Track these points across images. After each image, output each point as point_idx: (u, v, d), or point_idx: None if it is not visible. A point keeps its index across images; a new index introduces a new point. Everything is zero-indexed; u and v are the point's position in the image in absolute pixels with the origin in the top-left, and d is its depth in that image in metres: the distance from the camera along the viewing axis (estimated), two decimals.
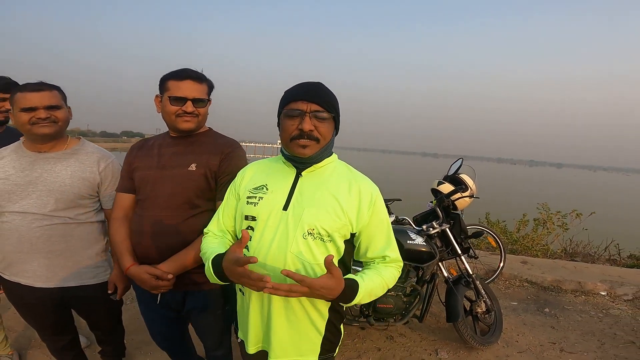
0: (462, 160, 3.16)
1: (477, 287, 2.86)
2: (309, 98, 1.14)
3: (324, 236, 1.16)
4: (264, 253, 1.16)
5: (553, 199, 6.66)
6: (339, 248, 1.20)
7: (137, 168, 1.63)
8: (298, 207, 1.17)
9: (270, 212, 1.19)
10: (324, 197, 1.18)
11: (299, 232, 1.15)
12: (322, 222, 1.15)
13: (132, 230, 1.61)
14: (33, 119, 1.54)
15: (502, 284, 4.17)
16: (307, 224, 1.15)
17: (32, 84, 1.57)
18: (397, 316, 2.65)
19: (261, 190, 1.23)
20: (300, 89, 1.17)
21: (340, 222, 1.17)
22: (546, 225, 5.67)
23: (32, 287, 1.65)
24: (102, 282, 1.77)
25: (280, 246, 1.15)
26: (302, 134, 1.14)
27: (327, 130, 1.17)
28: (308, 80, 1.20)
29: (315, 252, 1.16)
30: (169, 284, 1.51)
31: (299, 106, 1.14)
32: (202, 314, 1.67)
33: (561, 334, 3.18)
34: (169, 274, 1.49)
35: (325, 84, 1.20)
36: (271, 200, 1.20)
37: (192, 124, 1.57)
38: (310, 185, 1.21)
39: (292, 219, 1.16)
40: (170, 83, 1.53)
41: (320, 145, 1.17)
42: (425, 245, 2.60)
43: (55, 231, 1.61)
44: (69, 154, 1.68)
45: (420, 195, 4.98)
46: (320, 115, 1.14)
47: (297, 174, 1.23)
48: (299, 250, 1.15)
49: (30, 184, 1.59)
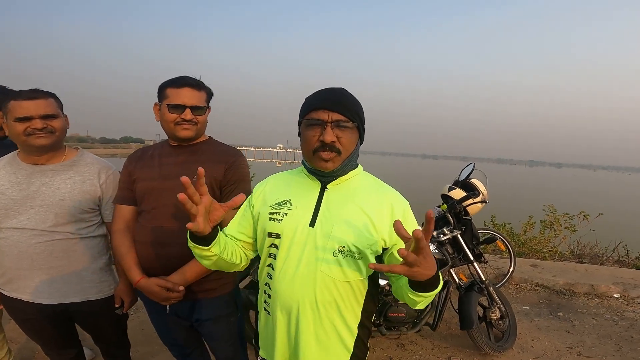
0: (473, 165, 3.09)
1: (491, 293, 2.80)
2: (331, 106, 1.06)
3: (355, 253, 1.09)
4: (291, 272, 1.10)
5: (556, 199, 6.58)
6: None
7: (138, 179, 1.59)
8: (326, 223, 1.10)
9: (296, 228, 1.11)
10: (354, 212, 1.11)
11: (328, 250, 1.08)
12: (353, 239, 1.08)
13: (137, 242, 1.57)
14: (29, 130, 1.46)
15: (512, 288, 4.11)
16: (338, 241, 1.08)
17: (27, 92, 1.49)
18: (409, 325, 2.59)
19: (284, 205, 1.15)
20: (321, 96, 1.09)
21: (373, 238, 1.09)
22: (553, 227, 5.60)
23: (33, 304, 1.59)
24: (108, 296, 1.72)
25: (309, 264, 1.09)
26: (323, 145, 1.06)
27: (350, 141, 1.10)
28: (329, 87, 1.13)
29: (346, 270, 1.09)
30: (180, 295, 1.48)
31: (319, 115, 1.06)
32: (213, 322, 1.63)
33: (577, 338, 3.13)
34: (180, 286, 1.47)
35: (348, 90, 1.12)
36: (296, 216, 1.13)
37: (191, 132, 1.54)
38: (338, 200, 1.13)
39: (320, 236, 1.09)
40: (169, 90, 1.50)
41: (342, 157, 1.10)
42: (437, 253, 2.55)
43: (56, 247, 1.55)
44: (68, 166, 1.61)
45: (426, 199, 4.91)
46: (343, 125, 1.06)
47: (322, 187, 1.15)
48: (330, 268, 1.08)
49: (27, 199, 1.52)
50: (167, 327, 1.74)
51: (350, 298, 1.12)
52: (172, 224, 1.51)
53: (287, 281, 1.10)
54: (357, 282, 1.12)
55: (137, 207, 1.60)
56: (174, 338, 1.78)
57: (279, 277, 1.12)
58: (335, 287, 1.09)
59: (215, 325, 1.64)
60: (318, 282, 1.08)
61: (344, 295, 1.11)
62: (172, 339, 1.79)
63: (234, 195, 1.51)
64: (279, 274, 1.13)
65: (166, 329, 1.75)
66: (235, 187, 1.54)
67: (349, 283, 1.10)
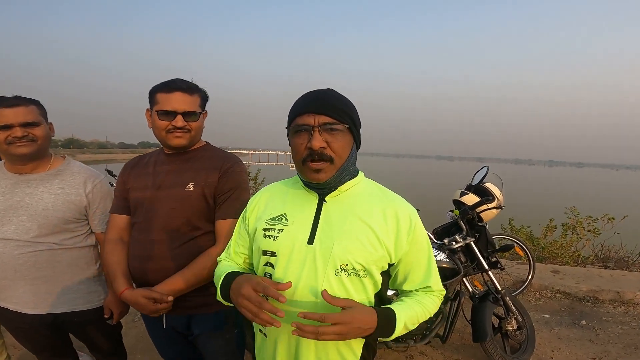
0: (487, 168, 2.91)
1: (507, 303, 2.63)
2: (316, 109, 0.96)
3: (359, 271, 1.00)
4: (289, 293, 1.01)
5: (578, 201, 6.31)
6: (377, 282, 1.05)
7: (132, 188, 1.52)
8: (326, 240, 1.01)
9: (293, 247, 1.02)
10: (356, 226, 1.01)
11: (330, 269, 0.99)
12: (357, 256, 0.99)
13: (130, 255, 1.50)
14: (9, 138, 1.42)
15: (531, 296, 3.91)
16: (340, 260, 0.99)
17: (7, 99, 1.45)
18: (418, 337, 2.44)
19: (279, 221, 1.06)
20: (305, 100, 1.00)
21: (378, 254, 1.00)
22: (576, 230, 5.35)
23: (21, 313, 1.55)
24: (97, 306, 1.67)
25: (309, 285, 1.00)
26: (312, 153, 0.97)
27: (342, 146, 0.99)
28: (316, 89, 1.03)
29: (350, 290, 1.00)
30: (168, 306, 1.39)
31: (305, 120, 0.97)
32: (211, 338, 1.55)
33: (601, 347, 2.95)
34: (168, 296, 1.37)
35: (336, 90, 1.02)
36: (292, 233, 1.04)
37: (183, 139, 1.45)
38: (338, 213, 1.04)
39: (320, 255, 1.00)
40: (159, 96, 1.41)
41: (336, 165, 1.00)
42: (448, 262, 2.39)
43: (40, 257, 1.51)
44: (52, 175, 1.56)
45: (439, 203, 4.75)
46: (331, 128, 0.97)
47: (320, 199, 1.05)
48: (332, 289, 0.99)
49: (10, 209, 1.48)
50: (164, 341, 1.67)
51: None
52: (163, 236, 1.44)
53: (286, 303, 1.00)
54: (363, 302, 1.02)
55: (131, 218, 1.54)
56: (170, 352, 1.71)
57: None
58: (339, 308, 0.99)
59: (212, 340, 1.56)
60: (320, 304, 0.98)
61: None
62: (169, 353, 1.72)
63: (227, 205, 1.42)
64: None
65: (163, 342, 1.68)
66: (229, 196, 1.45)
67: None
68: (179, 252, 1.44)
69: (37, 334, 1.65)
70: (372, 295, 1.05)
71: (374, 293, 1.05)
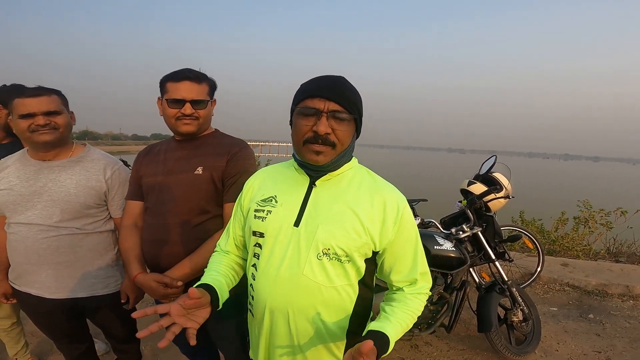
0: (495, 157, 2.90)
1: (513, 294, 2.64)
2: (328, 95, 0.98)
3: (341, 256, 1.02)
4: (273, 274, 1.04)
5: (592, 195, 6.20)
6: (359, 268, 1.06)
7: (144, 175, 1.58)
8: (311, 223, 1.03)
9: (280, 228, 1.05)
10: (342, 211, 1.03)
11: (312, 253, 1.01)
12: (339, 241, 1.01)
13: (143, 239, 1.57)
14: (32, 126, 1.47)
15: (539, 288, 3.91)
16: (322, 243, 1.01)
17: (30, 89, 1.51)
18: (423, 326, 2.47)
19: (270, 202, 1.09)
20: (318, 83, 1.01)
21: (361, 240, 1.02)
22: (588, 223, 5.28)
23: (42, 298, 1.61)
24: (114, 292, 1.72)
25: (291, 267, 1.03)
26: (316, 137, 0.98)
27: (346, 135, 1.02)
28: (328, 74, 1.04)
29: (331, 274, 1.02)
30: (179, 291, 1.45)
31: (315, 104, 0.98)
32: (220, 322, 1.60)
33: (607, 341, 2.94)
34: (178, 281, 1.43)
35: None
36: (281, 215, 1.06)
37: (192, 126, 1.50)
38: (326, 197, 1.06)
39: (304, 237, 1.02)
40: (168, 85, 1.47)
41: (336, 151, 1.02)
42: (455, 251, 2.40)
43: (63, 242, 1.56)
44: (74, 162, 1.62)
45: (448, 194, 4.74)
46: (339, 116, 0.98)
47: (311, 183, 1.08)
48: (313, 272, 1.02)
49: (34, 195, 1.54)
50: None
51: (337, 304, 1.05)
52: (174, 220, 1.49)
53: (269, 284, 1.05)
54: (345, 287, 1.05)
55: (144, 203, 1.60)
56: (181, 336, 1.77)
57: (261, 279, 1.07)
58: (320, 293, 1.03)
59: (219, 325, 1.61)
60: (301, 286, 1.02)
61: (330, 302, 1.04)
62: (180, 337, 1.78)
63: (234, 188, 1.47)
64: (260, 275, 1.07)
65: None
66: (237, 180, 1.49)
67: (335, 288, 1.03)
68: (189, 236, 1.49)
69: (57, 319, 1.70)
70: (355, 282, 1.07)
71: (357, 280, 1.07)
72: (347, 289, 1.06)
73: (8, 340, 2.27)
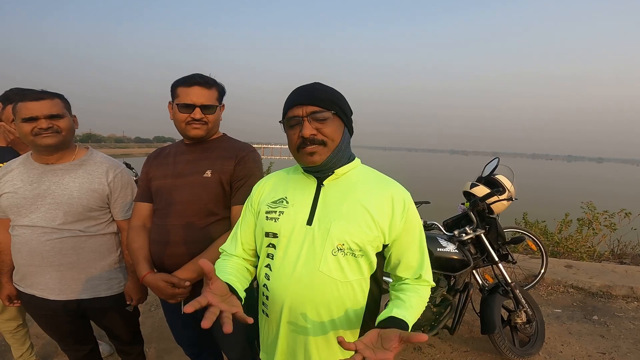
0: (498, 159, 2.90)
1: (517, 296, 2.63)
2: (303, 101, 1.04)
3: (355, 251, 1.05)
4: (289, 272, 1.07)
5: (595, 196, 6.18)
6: (372, 262, 1.09)
7: (154, 177, 1.61)
8: (324, 220, 1.07)
9: (293, 228, 1.09)
10: (353, 207, 1.07)
11: (327, 249, 1.05)
12: (353, 235, 1.04)
13: (151, 240, 1.59)
14: (35, 130, 1.49)
15: (543, 290, 3.89)
16: (337, 239, 1.04)
17: (33, 93, 1.52)
18: (426, 327, 2.46)
19: (281, 203, 1.13)
20: (293, 94, 1.07)
21: (372, 234, 1.05)
22: (592, 225, 5.26)
23: (46, 300, 1.63)
24: (117, 293, 1.74)
25: (307, 264, 1.06)
26: (304, 140, 1.04)
27: (332, 130, 1.05)
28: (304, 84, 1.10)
29: (346, 269, 1.06)
30: (186, 291, 1.48)
31: (295, 112, 1.04)
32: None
33: (612, 343, 2.93)
34: (186, 281, 1.46)
35: (323, 82, 1.10)
36: (292, 215, 1.10)
37: (201, 131, 1.54)
38: (335, 195, 1.10)
39: (318, 235, 1.06)
40: (179, 90, 1.51)
41: (329, 148, 1.06)
42: (458, 253, 2.40)
43: (66, 244, 1.58)
44: (77, 165, 1.64)
45: (451, 196, 4.73)
46: (319, 116, 1.03)
47: (319, 184, 1.12)
48: (329, 268, 1.05)
49: (38, 197, 1.56)
50: (181, 327, 1.75)
51: (352, 298, 1.08)
52: (182, 221, 1.52)
53: (286, 282, 1.08)
54: (360, 282, 1.09)
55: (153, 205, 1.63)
56: (186, 337, 1.80)
57: (277, 278, 1.10)
58: (336, 288, 1.06)
59: None
60: (318, 282, 1.05)
61: (345, 296, 1.07)
62: (185, 338, 1.80)
63: (242, 191, 1.50)
64: (276, 274, 1.10)
65: (179, 328, 1.76)
66: (244, 183, 1.53)
67: (349, 283, 1.07)
68: (196, 237, 1.51)
69: (61, 321, 1.72)
70: (368, 277, 1.10)
71: (370, 274, 1.10)
72: (361, 284, 1.09)
73: (13, 342, 2.28)
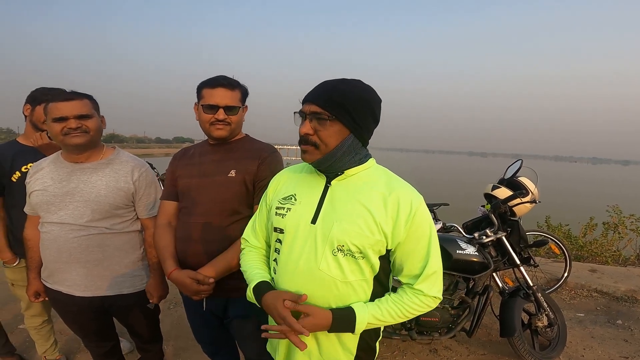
0: (521, 161, 2.84)
1: (538, 299, 2.58)
2: (311, 98, 1.04)
3: (355, 252, 1.05)
4: (292, 269, 1.10)
5: (622, 200, 5.97)
6: (373, 265, 1.08)
7: (180, 177, 1.66)
8: (327, 220, 1.07)
9: (298, 225, 1.10)
10: (356, 209, 1.05)
11: (327, 248, 1.05)
12: (352, 238, 1.03)
13: (177, 238, 1.63)
14: (65, 129, 1.54)
15: (566, 294, 3.79)
16: (337, 240, 1.04)
17: (63, 94, 1.58)
18: (443, 330, 2.44)
19: (289, 200, 1.15)
20: (312, 89, 1.07)
21: (374, 238, 1.03)
22: (617, 229, 5.10)
23: (72, 296, 1.67)
24: (140, 291, 1.78)
25: (308, 262, 1.07)
26: (301, 137, 1.06)
27: (329, 135, 1.02)
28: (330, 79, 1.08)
29: (346, 270, 1.06)
30: (210, 288, 1.50)
31: (303, 108, 1.06)
32: (243, 321, 1.64)
33: (635, 347, 2.85)
34: (210, 278, 1.49)
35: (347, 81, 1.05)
36: (299, 212, 1.11)
37: (224, 131, 1.57)
38: (342, 196, 1.09)
39: (320, 234, 1.07)
40: (204, 91, 1.55)
41: (321, 151, 1.05)
42: (477, 255, 2.36)
43: (92, 241, 1.63)
44: (104, 164, 1.69)
45: (469, 199, 4.66)
46: (319, 118, 1.02)
47: (327, 182, 1.12)
48: (329, 267, 1.06)
49: (67, 195, 1.61)
50: (201, 324, 1.78)
51: (352, 299, 1.08)
52: (207, 220, 1.56)
53: (288, 278, 1.10)
54: (360, 283, 1.08)
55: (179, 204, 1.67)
56: (205, 335, 1.83)
57: (281, 273, 1.13)
58: (336, 287, 1.06)
59: (244, 323, 1.65)
60: (317, 280, 1.07)
61: (345, 296, 1.07)
62: (204, 336, 1.84)
63: (264, 190, 1.53)
64: (281, 269, 1.13)
65: (199, 325, 1.79)
66: (267, 182, 1.57)
67: (349, 283, 1.07)
68: (220, 235, 1.55)
69: (86, 317, 1.76)
70: (371, 278, 1.09)
71: (372, 276, 1.09)
72: (363, 285, 1.09)
73: (38, 338, 2.34)
